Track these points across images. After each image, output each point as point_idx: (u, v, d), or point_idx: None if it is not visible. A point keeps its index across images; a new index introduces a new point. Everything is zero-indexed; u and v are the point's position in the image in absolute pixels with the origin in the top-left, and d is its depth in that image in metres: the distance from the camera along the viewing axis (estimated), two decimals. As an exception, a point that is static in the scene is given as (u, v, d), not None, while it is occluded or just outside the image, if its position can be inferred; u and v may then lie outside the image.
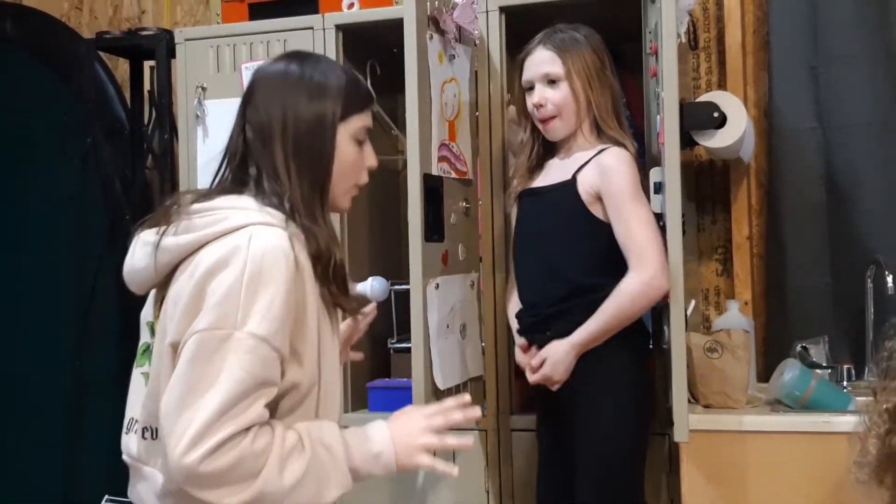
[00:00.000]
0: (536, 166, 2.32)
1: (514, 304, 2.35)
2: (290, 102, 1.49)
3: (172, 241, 1.43)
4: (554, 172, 2.27)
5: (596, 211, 2.16)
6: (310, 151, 1.49)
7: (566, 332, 2.14)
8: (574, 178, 2.18)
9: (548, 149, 2.32)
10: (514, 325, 2.33)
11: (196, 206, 1.45)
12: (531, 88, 2.24)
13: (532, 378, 2.19)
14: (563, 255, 2.19)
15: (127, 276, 1.51)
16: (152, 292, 1.52)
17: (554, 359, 2.13)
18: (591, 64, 2.20)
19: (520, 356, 2.25)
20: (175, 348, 1.38)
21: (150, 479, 1.45)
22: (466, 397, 1.56)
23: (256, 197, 1.46)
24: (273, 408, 1.40)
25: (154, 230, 1.47)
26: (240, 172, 1.51)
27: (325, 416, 1.48)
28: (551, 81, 2.20)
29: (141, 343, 1.57)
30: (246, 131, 1.50)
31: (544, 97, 2.21)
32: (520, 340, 2.27)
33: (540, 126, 2.26)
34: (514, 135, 2.46)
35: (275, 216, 1.43)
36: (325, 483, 1.40)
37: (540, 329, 2.20)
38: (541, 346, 2.17)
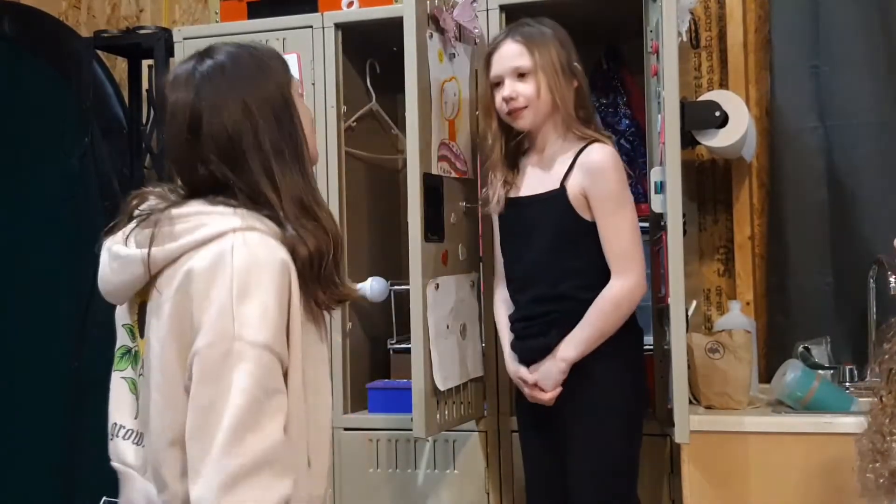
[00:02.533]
0: (510, 167, 2.28)
1: (503, 307, 2.32)
2: (247, 94, 1.40)
3: (157, 251, 1.38)
4: (535, 178, 2.23)
5: (587, 215, 2.15)
6: (286, 137, 1.42)
7: (566, 334, 2.13)
8: (563, 186, 2.16)
9: (518, 148, 2.30)
10: (507, 332, 2.29)
11: (174, 211, 1.39)
12: (499, 84, 2.21)
13: (529, 396, 2.20)
14: (561, 268, 2.16)
15: (104, 289, 1.46)
16: None
17: (548, 382, 2.15)
18: (557, 58, 2.18)
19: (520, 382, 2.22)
20: (173, 363, 1.35)
21: (145, 489, 1.43)
22: None
23: (233, 198, 1.40)
24: None
25: (123, 240, 1.41)
26: (202, 179, 1.42)
27: (313, 433, 1.43)
28: (521, 75, 2.18)
29: (119, 346, 1.53)
30: (198, 140, 1.40)
31: (515, 90, 2.18)
32: (522, 372, 2.21)
33: (508, 119, 2.22)
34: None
35: (257, 218, 1.38)
36: None
37: (536, 334, 2.19)
38: (537, 352, 2.17)
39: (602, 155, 2.14)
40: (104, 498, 2.66)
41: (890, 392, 1.52)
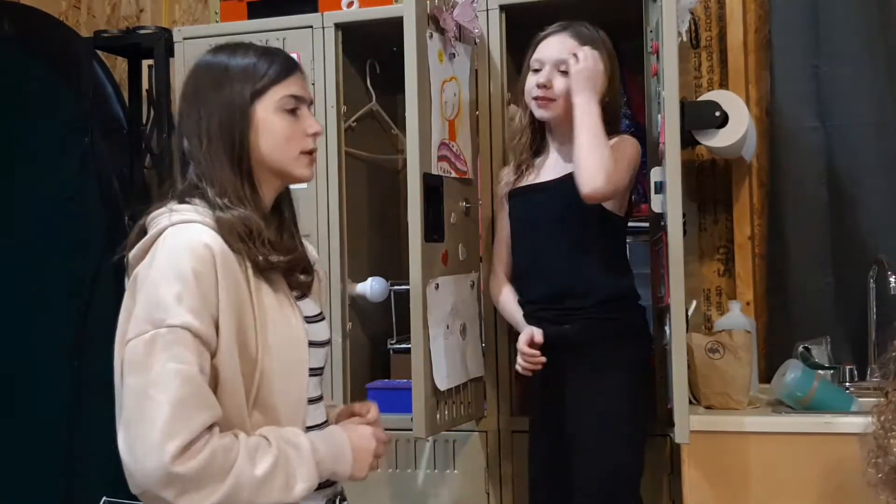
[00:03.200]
0: (527, 162, 2.30)
1: (509, 295, 2.34)
2: (200, 97, 1.51)
3: (130, 256, 1.48)
4: (550, 168, 2.27)
5: (607, 202, 2.16)
6: (224, 138, 1.49)
7: (584, 328, 2.15)
8: None
9: (542, 145, 2.32)
10: (519, 313, 2.30)
11: (146, 219, 1.48)
12: (538, 70, 2.23)
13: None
14: (579, 249, 2.17)
15: None
16: None
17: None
18: (603, 67, 2.21)
19: (523, 345, 2.19)
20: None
21: None
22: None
23: (191, 193, 1.49)
24: None
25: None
26: (183, 174, 1.53)
27: (280, 412, 1.46)
28: (563, 72, 2.20)
29: None
30: (176, 136, 1.54)
31: (551, 80, 2.21)
32: (537, 333, 2.19)
33: (533, 104, 2.24)
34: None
35: (198, 211, 1.45)
36: (293, 476, 1.40)
37: (559, 321, 2.20)
38: (554, 340, 2.17)
39: (623, 138, 2.20)
40: (104, 498, 2.66)
41: None
